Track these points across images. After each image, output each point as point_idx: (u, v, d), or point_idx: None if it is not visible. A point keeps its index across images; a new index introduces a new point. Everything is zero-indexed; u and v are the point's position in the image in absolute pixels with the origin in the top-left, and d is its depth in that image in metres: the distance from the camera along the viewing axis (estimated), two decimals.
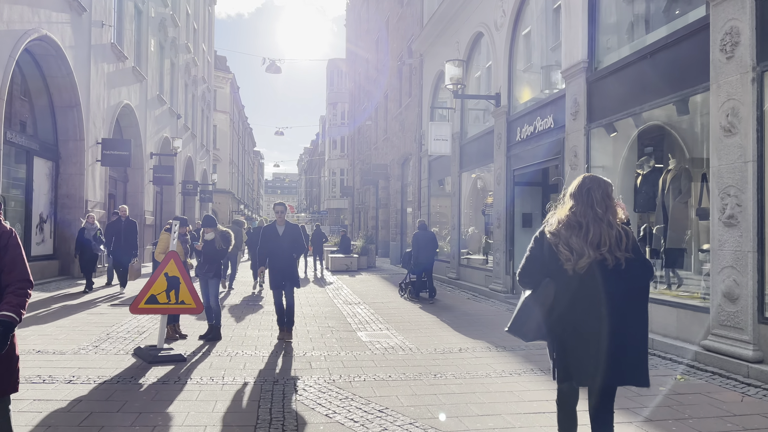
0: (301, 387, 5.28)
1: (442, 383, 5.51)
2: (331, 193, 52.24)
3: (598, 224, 2.97)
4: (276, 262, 7.60)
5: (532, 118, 10.97)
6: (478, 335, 8.05)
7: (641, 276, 3.00)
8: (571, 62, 9.22)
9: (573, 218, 3.01)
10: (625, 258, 2.94)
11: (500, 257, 12.09)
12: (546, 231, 3.08)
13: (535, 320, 3.07)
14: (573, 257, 2.93)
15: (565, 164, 9.46)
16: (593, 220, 2.97)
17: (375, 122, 29.38)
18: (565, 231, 3.00)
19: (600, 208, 3.01)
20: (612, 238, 2.95)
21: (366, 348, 7.13)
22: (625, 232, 3.01)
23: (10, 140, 12.11)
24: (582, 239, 2.95)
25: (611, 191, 3.10)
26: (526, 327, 3.11)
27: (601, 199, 3.03)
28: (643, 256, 3.07)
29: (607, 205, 3.03)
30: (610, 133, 8.72)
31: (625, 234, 2.99)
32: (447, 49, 15.75)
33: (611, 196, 3.08)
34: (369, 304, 11.17)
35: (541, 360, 6.53)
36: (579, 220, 2.99)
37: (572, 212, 3.03)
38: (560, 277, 3.00)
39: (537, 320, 3.07)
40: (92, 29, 15.34)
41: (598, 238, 2.93)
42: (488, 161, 13.31)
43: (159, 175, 22.29)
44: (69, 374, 5.46)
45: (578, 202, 3.04)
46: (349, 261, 20.67)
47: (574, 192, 3.09)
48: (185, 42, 28.88)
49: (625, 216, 3.13)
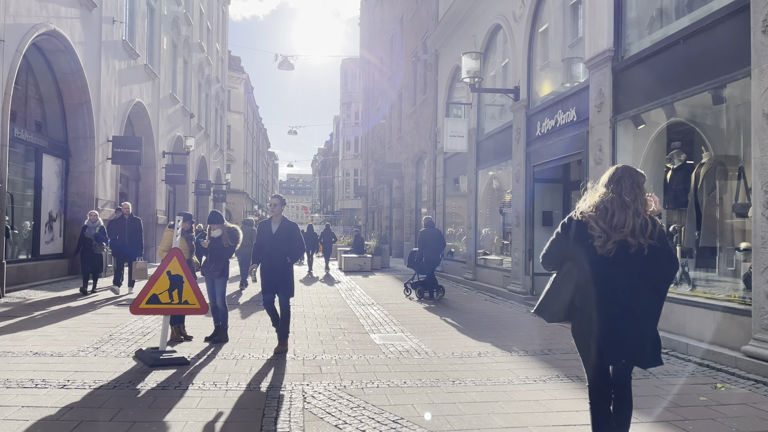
0: (310, 394, 4.91)
1: (461, 391, 5.11)
2: (344, 193, 51.99)
3: (623, 210, 3.07)
4: (267, 265, 6.66)
5: (553, 112, 10.52)
6: (498, 338, 7.63)
7: (665, 267, 3.10)
8: (595, 51, 8.76)
9: (601, 204, 3.12)
10: (649, 245, 3.04)
11: (519, 257, 11.63)
12: (576, 215, 3.20)
13: (560, 302, 3.21)
14: (604, 236, 3.04)
15: (589, 159, 9.00)
16: (620, 207, 3.08)
17: (389, 121, 29.01)
18: (594, 213, 3.12)
19: (628, 197, 3.11)
20: (637, 224, 3.05)
21: (379, 351, 6.75)
22: (653, 221, 3.11)
23: (18, 137, 11.91)
24: (607, 223, 3.06)
25: (642, 181, 3.18)
26: (552, 308, 3.24)
27: (630, 188, 3.13)
28: (670, 249, 3.15)
29: (636, 194, 3.12)
30: (637, 126, 8.25)
31: (651, 223, 3.09)
32: (463, 44, 15.32)
33: (641, 186, 3.16)
34: (382, 305, 10.79)
35: (565, 365, 6.10)
36: (606, 206, 3.10)
37: (601, 199, 3.14)
38: (585, 260, 3.11)
39: (562, 302, 3.20)
40: (103, 25, 15.14)
41: (622, 222, 3.04)
42: (506, 158, 12.87)
43: (171, 174, 22.13)
44: (64, 378, 5.14)
45: (608, 189, 3.16)
46: (363, 261, 20.30)
47: (605, 180, 3.22)
48: (198, 41, 28.74)
49: (657, 209, 3.23)
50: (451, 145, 14.94)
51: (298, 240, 6.77)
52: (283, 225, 6.67)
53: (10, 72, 10.48)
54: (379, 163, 31.36)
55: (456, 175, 17.33)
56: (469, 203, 15.18)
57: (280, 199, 6.79)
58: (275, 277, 6.62)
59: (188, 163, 25.84)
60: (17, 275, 11.64)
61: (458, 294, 13.01)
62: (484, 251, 14.86)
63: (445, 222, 18.12)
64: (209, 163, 32.83)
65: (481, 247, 15.00)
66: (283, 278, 6.63)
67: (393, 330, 8.23)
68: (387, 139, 29.80)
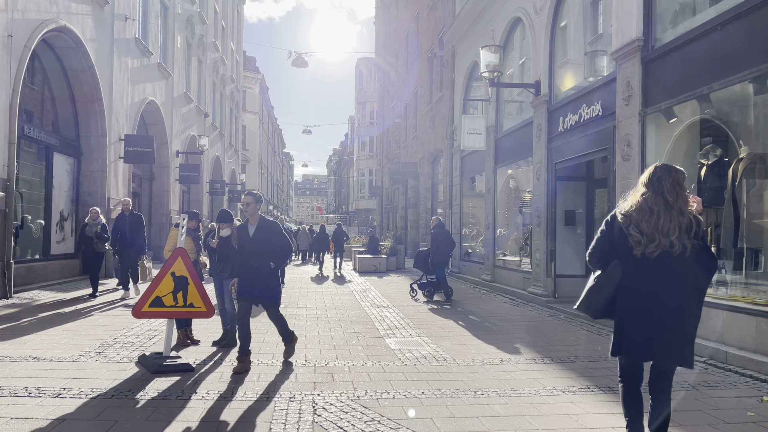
0: (321, 405, 4.55)
1: (484, 403, 4.72)
2: (359, 193, 51.69)
3: (668, 211, 3.07)
4: (246, 273, 5.72)
5: (577, 106, 10.06)
6: (520, 344, 7.21)
7: (706, 266, 3.10)
8: (623, 41, 8.30)
9: (644, 204, 3.11)
10: (692, 245, 3.06)
11: (541, 258, 11.18)
12: (618, 213, 3.19)
13: (602, 299, 3.22)
14: (643, 240, 3.05)
15: (615, 155, 8.54)
16: (664, 207, 3.07)
17: (404, 120, 28.64)
18: (637, 215, 3.10)
19: (671, 196, 3.11)
20: (682, 225, 3.06)
21: (395, 357, 6.38)
22: (696, 220, 3.11)
23: (27, 135, 11.73)
24: (653, 225, 3.05)
25: (682, 180, 3.18)
26: (594, 305, 3.26)
27: (671, 187, 3.13)
28: (709, 248, 3.16)
29: (677, 193, 3.13)
30: (669, 119, 7.78)
31: (696, 222, 3.10)
32: (481, 39, 14.88)
33: (682, 185, 3.16)
34: (398, 308, 10.42)
35: (595, 374, 5.68)
36: (650, 206, 3.10)
37: (644, 198, 3.14)
38: (629, 259, 3.12)
39: (604, 299, 3.21)
40: (115, 23, 14.96)
41: (668, 225, 3.04)
42: (526, 155, 12.42)
43: (185, 174, 21.95)
44: (60, 386, 4.83)
45: (649, 189, 3.15)
46: (377, 262, 19.95)
47: (645, 180, 3.21)
48: (213, 40, 28.60)
49: (699, 208, 3.21)
50: (469, 142, 14.52)
51: (281, 241, 5.83)
52: (261, 226, 5.78)
53: (18, 68, 10.27)
54: (394, 162, 31.00)
55: (473, 173, 16.89)
56: (487, 202, 14.73)
57: (255, 197, 5.80)
58: (256, 286, 5.70)
59: (202, 163, 25.70)
60: (27, 275, 11.45)
61: (476, 296, 12.59)
62: (502, 252, 14.42)
63: (462, 222, 17.68)
64: (224, 163, 32.70)
65: (500, 247, 14.55)
66: (265, 287, 5.73)
67: (409, 334, 7.86)
68: (402, 138, 29.43)
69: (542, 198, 11.27)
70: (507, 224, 14.61)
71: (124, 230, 10.69)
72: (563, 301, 10.50)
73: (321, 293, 12.85)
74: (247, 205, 5.77)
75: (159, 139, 19.74)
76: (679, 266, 3.04)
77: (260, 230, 5.75)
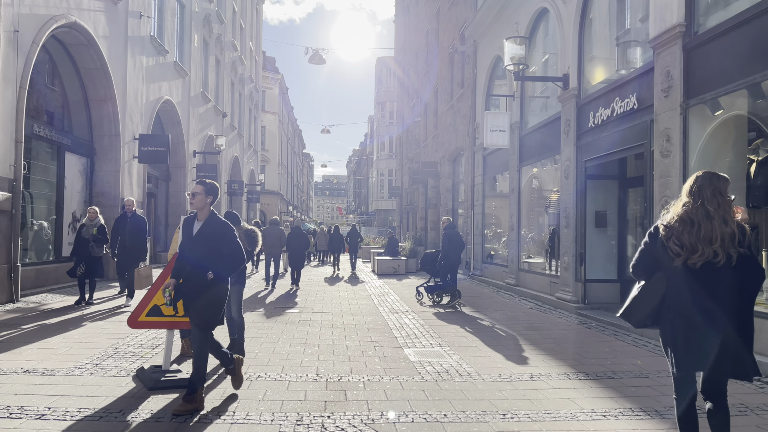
0: (330, 430, 4.05)
1: (516, 429, 4.17)
2: (379, 194, 51.23)
3: (710, 221, 3.03)
4: (183, 282, 4.58)
5: (609, 100, 9.42)
6: (550, 356, 6.63)
7: (754, 275, 3.03)
8: (662, 28, 7.66)
9: (686, 215, 3.08)
10: (738, 254, 3.01)
11: (569, 261, 10.54)
12: (660, 225, 3.17)
13: (647, 309, 3.21)
14: (683, 253, 3.03)
15: (654, 152, 7.89)
16: (705, 217, 3.04)
17: (424, 118, 28.07)
18: (679, 226, 3.08)
19: (711, 206, 3.07)
20: (725, 234, 3.00)
21: (414, 371, 5.85)
22: (741, 228, 3.05)
23: (37, 134, 11.45)
24: (694, 236, 3.02)
25: (724, 187, 3.13)
26: (638, 314, 3.25)
27: (711, 196, 3.09)
28: (756, 259, 3.08)
29: (719, 201, 3.08)
30: (714, 112, 7.13)
31: (740, 231, 3.04)
32: (504, 32, 14.25)
33: (723, 193, 3.11)
34: (417, 314, 9.88)
35: (638, 394, 5.08)
36: (691, 217, 3.06)
37: (685, 209, 3.11)
38: (673, 270, 3.09)
39: (649, 309, 3.20)
40: (129, 20, 14.68)
41: (710, 234, 3.00)
42: (553, 153, 11.78)
43: (202, 174, 21.65)
44: (45, 405, 4.40)
45: (690, 198, 3.12)
46: (397, 264, 19.42)
47: (687, 189, 3.17)
48: (231, 39, 28.36)
49: (744, 217, 3.14)
50: (492, 140, 13.91)
51: (231, 248, 4.59)
52: (209, 224, 4.58)
53: (26, 65, 9.96)
54: (413, 162, 30.44)
55: (497, 172, 16.26)
56: (511, 202, 14.10)
57: (206, 187, 4.61)
58: (186, 297, 4.55)
59: (220, 163, 25.45)
60: (36, 278, 11.17)
61: (500, 301, 11.99)
62: (527, 254, 13.78)
63: (484, 223, 17.06)
64: (243, 164, 32.49)
65: (524, 249, 13.92)
66: (197, 300, 4.48)
67: (429, 344, 7.33)
68: (422, 137, 28.88)
69: (570, 198, 10.64)
70: (531, 225, 13.97)
71: (125, 233, 10.01)
72: (594, 308, 9.86)
73: (338, 297, 12.37)
74: (194, 195, 4.59)
75: (175, 139, 19.50)
76: (724, 276, 3.01)
77: (206, 229, 4.56)
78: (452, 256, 11.04)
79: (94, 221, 9.71)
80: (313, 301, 11.46)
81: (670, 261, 3.09)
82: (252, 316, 9.27)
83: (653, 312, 3.20)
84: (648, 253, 3.22)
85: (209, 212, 4.64)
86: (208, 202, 4.62)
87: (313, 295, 12.69)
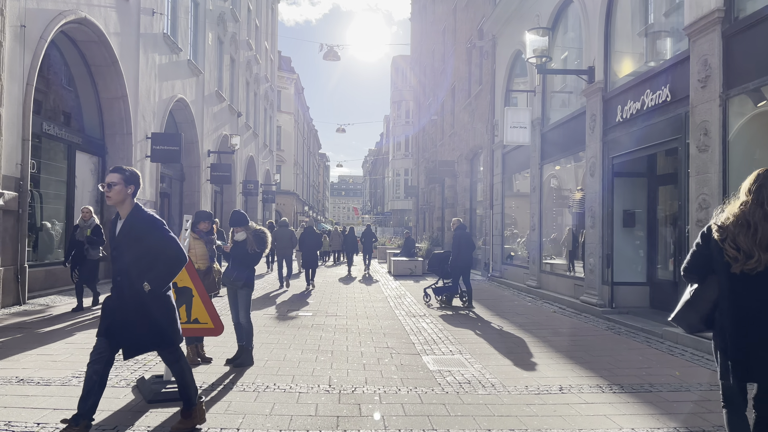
0: None
1: None
2: (395, 193, 50.87)
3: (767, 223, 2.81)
4: (113, 296, 3.76)
5: (638, 93, 8.92)
6: (580, 365, 6.17)
7: None
8: (698, 14, 7.16)
9: (742, 216, 2.87)
10: None
11: (595, 263, 10.04)
12: (713, 225, 2.96)
13: (698, 315, 3.07)
14: (740, 257, 2.80)
15: (689, 146, 7.38)
16: (762, 219, 2.81)
17: (441, 117, 27.62)
18: (734, 228, 2.86)
19: None
20: None
21: (434, 381, 5.45)
22: None
23: (47, 132, 11.22)
24: (750, 239, 2.79)
25: None
26: (689, 320, 3.11)
27: None
28: None
29: None
30: (757, 103, 6.62)
31: None
32: (525, 25, 13.74)
33: None
34: (435, 318, 9.47)
35: (680, 410, 4.63)
36: (748, 219, 2.84)
37: (741, 210, 2.90)
38: (727, 275, 2.88)
39: (700, 316, 3.06)
40: (141, 17, 14.44)
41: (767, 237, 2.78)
42: (577, 149, 11.29)
43: (217, 174, 21.44)
44: (35, 420, 4.06)
45: (749, 198, 2.91)
46: (413, 265, 19.00)
47: (745, 188, 2.96)
48: (246, 38, 28.15)
49: None
50: (512, 137, 13.43)
51: (165, 245, 3.72)
52: (131, 221, 3.72)
53: (33, 61, 9.72)
54: (430, 161, 29.99)
55: (517, 170, 15.77)
56: (533, 201, 13.61)
57: (123, 175, 3.73)
58: (118, 315, 3.68)
59: (235, 163, 25.23)
60: (45, 279, 10.94)
61: (521, 304, 11.52)
62: (550, 255, 13.28)
63: (504, 223, 16.57)
64: (258, 164, 32.29)
65: (546, 250, 13.42)
66: (143, 320, 3.69)
67: (449, 350, 6.91)
68: (438, 136, 28.43)
69: (596, 196, 10.14)
70: (554, 225, 13.47)
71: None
72: (621, 312, 9.36)
73: (353, 299, 11.99)
74: (109, 186, 3.68)
75: (189, 138, 19.29)
76: None
77: (127, 228, 3.70)
78: (463, 258, 10.73)
79: (88, 221, 9.11)
80: (327, 304, 11.10)
81: (724, 265, 2.87)
82: (263, 319, 8.93)
83: (706, 316, 3.05)
84: (700, 256, 3.03)
85: (132, 206, 3.76)
86: (129, 193, 3.73)
87: (327, 296, 12.32)
